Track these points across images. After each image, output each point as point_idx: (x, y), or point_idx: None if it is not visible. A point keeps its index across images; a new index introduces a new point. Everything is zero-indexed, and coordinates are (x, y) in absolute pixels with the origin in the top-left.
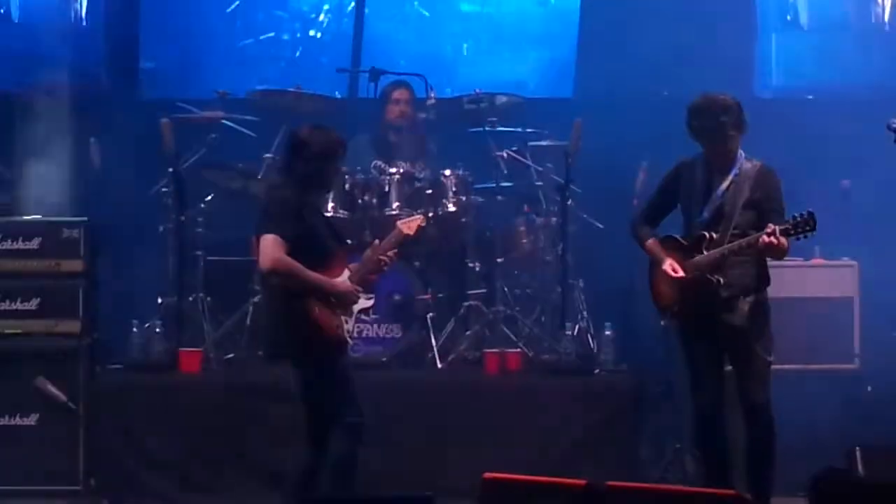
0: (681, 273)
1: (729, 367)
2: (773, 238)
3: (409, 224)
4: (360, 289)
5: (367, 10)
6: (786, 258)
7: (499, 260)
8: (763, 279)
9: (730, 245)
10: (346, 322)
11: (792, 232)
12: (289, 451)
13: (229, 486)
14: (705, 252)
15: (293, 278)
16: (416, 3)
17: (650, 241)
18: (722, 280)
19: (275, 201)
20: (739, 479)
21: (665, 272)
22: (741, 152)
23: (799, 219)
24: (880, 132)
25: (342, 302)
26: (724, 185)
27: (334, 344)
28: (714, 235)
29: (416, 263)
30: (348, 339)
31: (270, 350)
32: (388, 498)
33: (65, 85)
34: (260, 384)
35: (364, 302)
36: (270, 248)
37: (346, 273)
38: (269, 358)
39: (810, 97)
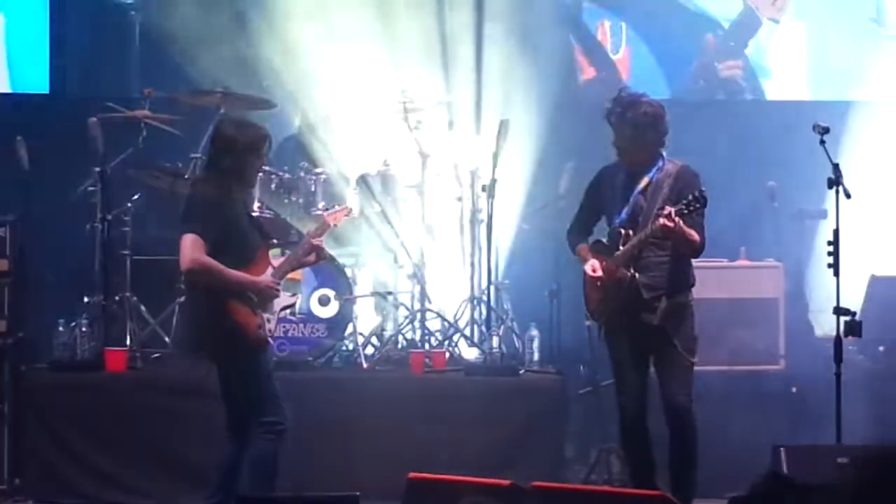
0: (598, 273)
1: (653, 368)
2: (667, 220)
3: (335, 215)
4: (278, 283)
5: None
6: (710, 259)
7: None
8: (684, 279)
9: (638, 236)
10: (268, 321)
11: (685, 210)
12: (215, 450)
13: (155, 486)
14: (621, 248)
15: (211, 277)
16: None
17: (579, 247)
18: (637, 274)
19: (195, 199)
20: (664, 479)
21: (587, 274)
22: (663, 153)
23: (691, 197)
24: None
25: (262, 298)
26: (642, 185)
27: (254, 343)
28: (630, 233)
29: (343, 262)
30: (269, 339)
31: (190, 348)
32: (315, 497)
33: None
34: (186, 383)
35: (287, 299)
36: (189, 247)
37: (270, 270)
38: (184, 351)
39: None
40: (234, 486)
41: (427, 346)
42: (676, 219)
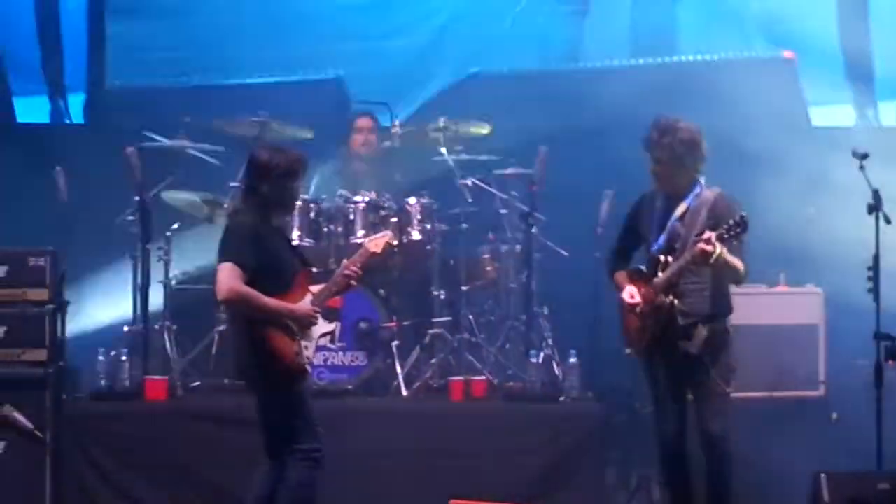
0: (637, 300)
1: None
2: (706, 245)
3: (377, 242)
4: (318, 310)
5: None
6: (750, 285)
7: (464, 288)
8: (723, 307)
9: (678, 262)
10: (306, 349)
11: (725, 235)
12: (252, 478)
13: None
14: (660, 275)
15: (248, 306)
16: None
17: (616, 274)
18: (676, 301)
19: (232, 228)
20: None
21: (622, 299)
22: (701, 180)
23: (732, 222)
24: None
25: (300, 325)
26: (679, 212)
27: (292, 371)
28: (669, 259)
29: (382, 291)
30: (307, 367)
31: (235, 375)
32: None
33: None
34: (226, 412)
35: (325, 326)
36: (226, 276)
37: (309, 297)
38: (236, 377)
39: None
40: None
41: (467, 373)
42: (716, 243)
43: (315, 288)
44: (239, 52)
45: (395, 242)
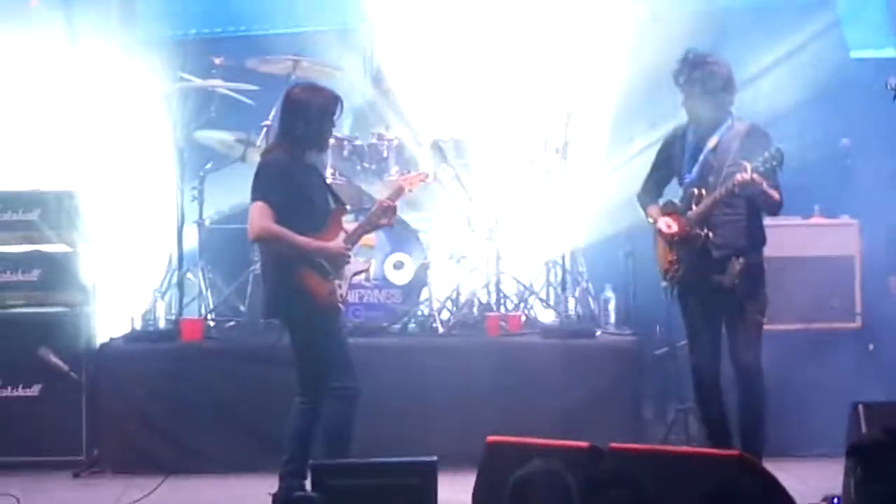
0: (674, 229)
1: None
2: (745, 174)
3: (410, 180)
4: (350, 248)
5: None
6: (784, 217)
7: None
8: (757, 239)
9: (713, 194)
10: (340, 287)
11: (761, 168)
12: (289, 416)
13: (231, 455)
14: (694, 208)
15: (280, 244)
16: None
17: (650, 208)
18: (710, 234)
19: (263, 167)
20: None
21: (659, 229)
22: (732, 112)
23: (767, 154)
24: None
25: (333, 264)
26: (712, 144)
27: (325, 309)
28: (703, 192)
29: (417, 228)
30: (340, 305)
31: (266, 310)
32: (393, 463)
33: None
34: (261, 352)
35: (360, 265)
36: (257, 216)
37: (342, 235)
38: (264, 316)
39: None
40: (309, 452)
41: (503, 309)
42: (754, 175)
43: (349, 226)
44: (270, 3)
45: (430, 180)
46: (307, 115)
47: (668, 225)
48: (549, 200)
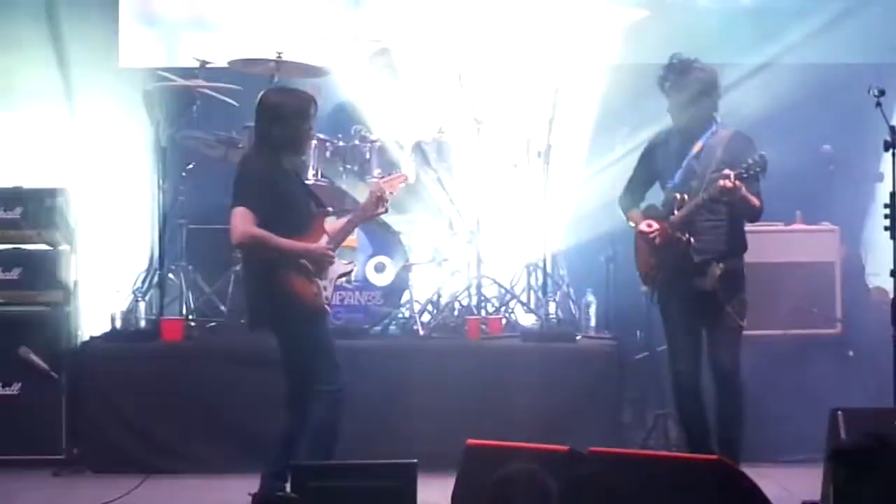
0: (654, 227)
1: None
2: (727, 181)
3: (392, 182)
4: (333, 249)
5: None
6: (766, 223)
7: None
8: (738, 244)
9: (695, 200)
10: (325, 289)
11: (744, 174)
12: (270, 418)
13: (211, 455)
14: (676, 213)
15: (264, 248)
16: None
17: (631, 212)
18: (692, 239)
19: (243, 172)
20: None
21: (640, 230)
22: (717, 118)
23: (751, 161)
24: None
25: (318, 266)
26: (696, 150)
27: (312, 311)
28: (685, 196)
29: (399, 230)
30: (326, 307)
31: (251, 319)
32: (373, 465)
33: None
34: (242, 352)
35: (343, 267)
36: (238, 221)
37: (325, 238)
38: (250, 326)
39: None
40: (293, 455)
41: (483, 312)
42: (737, 181)
43: (331, 229)
44: None
45: (411, 181)
46: (281, 117)
47: (649, 225)
48: (530, 204)
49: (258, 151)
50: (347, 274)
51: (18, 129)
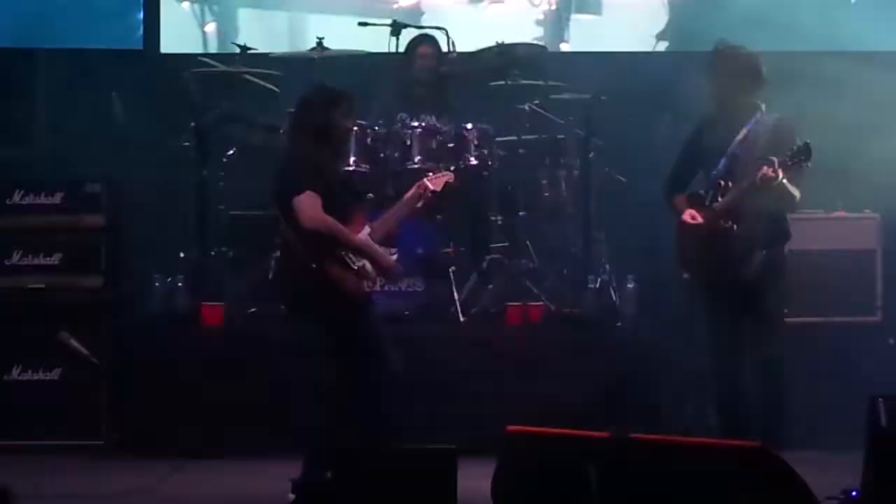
0: (699, 220)
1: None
2: (769, 169)
3: (437, 181)
4: (400, 267)
5: None
6: (807, 211)
7: (521, 213)
8: (780, 233)
9: (739, 187)
10: (368, 277)
11: (789, 162)
12: (311, 406)
13: (251, 441)
14: (720, 200)
15: (333, 237)
16: None
17: (675, 198)
18: (735, 226)
19: (298, 158)
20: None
21: (684, 221)
22: (762, 105)
23: (795, 149)
24: None
25: (383, 275)
26: (740, 137)
27: (357, 299)
28: (729, 184)
29: (439, 217)
30: (370, 292)
31: (293, 307)
32: (412, 451)
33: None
34: (283, 339)
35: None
36: (309, 204)
37: (367, 229)
38: (292, 312)
39: None
40: (336, 441)
41: (524, 299)
42: (779, 170)
43: (373, 223)
44: None
45: (456, 183)
46: (313, 108)
47: (693, 216)
48: (573, 190)
49: (298, 142)
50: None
51: (59, 114)
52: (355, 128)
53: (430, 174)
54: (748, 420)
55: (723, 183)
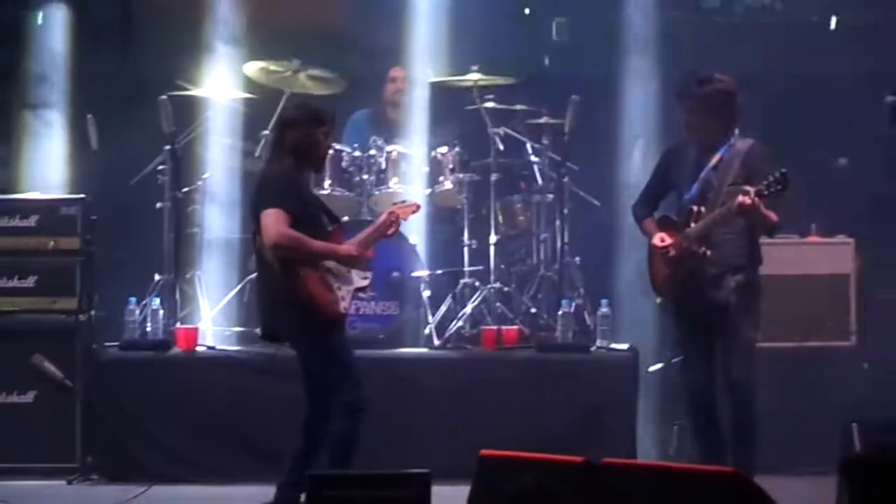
0: (668, 242)
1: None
2: (746, 198)
3: (404, 209)
4: (365, 253)
5: None
6: (781, 236)
7: (495, 237)
8: (754, 257)
9: (713, 214)
10: (343, 299)
11: (765, 192)
12: (285, 428)
13: (225, 464)
14: (693, 225)
15: (299, 250)
16: None
17: (646, 221)
18: (708, 252)
19: (271, 177)
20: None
21: (654, 244)
22: (735, 130)
23: (772, 178)
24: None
25: (351, 265)
26: (713, 162)
27: (331, 320)
28: (702, 209)
29: (413, 241)
30: (344, 314)
31: (267, 328)
32: (385, 475)
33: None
34: (257, 361)
35: (360, 280)
36: (272, 221)
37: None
38: (264, 336)
39: None
40: (310, 465)
41: (498, 323)
42: (756, 198)
43: (348, 243)
44: None
45: (420, 212)
46: (297, 126)
47: (663, 240)
48: (546, 214)
49: (277, 159)
50: (364, 289)
51: (34, 137)
52: (331, 150)
53: (402, 201)
54: (722, 444)
55: (695, 209)
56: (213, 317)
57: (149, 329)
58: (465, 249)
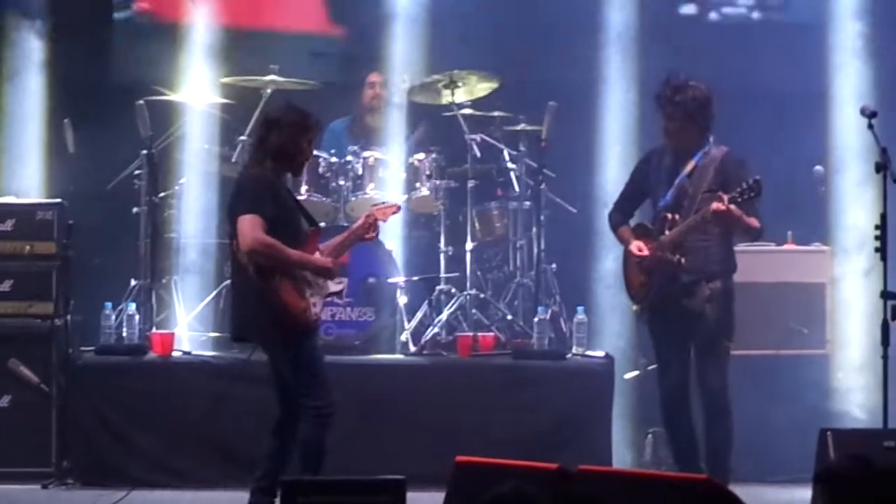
0: (644, 252)
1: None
2: (720, 205)
3: (384, 210)
4: (334, 263)
5: None
6: (758, 243)
7: (472, 244)
8: (728, 264)
9: (687, 221)
10: (314, 305)
11: (739, 199)
12: (262, 433)
13: (201, 469)
14: (667, 233)
15: (275, 257)
16: None
17: (621, 229)
18: (682, 260)
19: (248, 180)
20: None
21: (630, 252)
22: (710, 137)
23: (745, 185)
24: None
25: (320, 278)
26: (688, 169)
27: (302, 326)
28: (676, 217)
29: (390, 247)
30: (316, 322)
31: (237, 330)
32: (360, 481)
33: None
34: (232, 367)
35: (334, 285)
36: (249, 227)
37: (318, 255)
38: (234, 338)
39: None
40: (283, 470)
41: (474, 329)
42: (730, 205)
43: (324, 247)
44: None
45: (399, 213)
46: (280, 128)
47: (640, 248)
48: (522, 221)
49: (257, 161)
50: (338, 293)
51: (11, 142)
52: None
53: (380, 203)
54: (697, 451)
55: (670, 216)
56: (189, 322)
57: (125, 334)
58: (442, 256)
